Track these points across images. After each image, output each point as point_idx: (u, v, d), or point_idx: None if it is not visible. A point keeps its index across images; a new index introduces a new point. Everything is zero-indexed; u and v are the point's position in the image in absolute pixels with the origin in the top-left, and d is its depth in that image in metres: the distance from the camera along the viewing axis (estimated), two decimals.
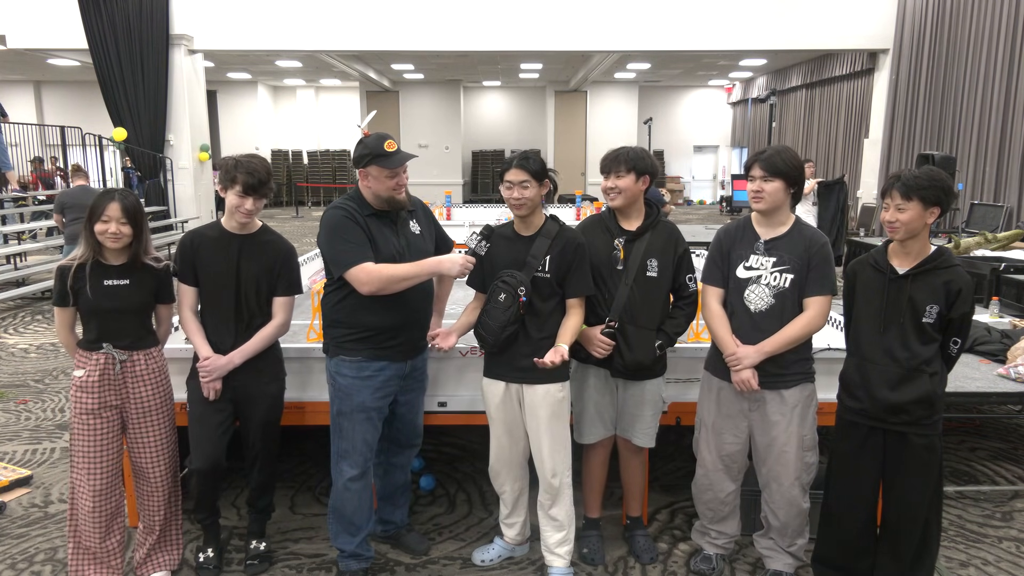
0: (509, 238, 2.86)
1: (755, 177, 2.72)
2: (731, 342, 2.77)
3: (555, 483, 2.85)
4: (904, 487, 2.62)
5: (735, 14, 12.06)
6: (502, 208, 8.96)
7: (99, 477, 2.74)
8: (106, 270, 2.70)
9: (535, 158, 2.78)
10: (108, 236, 2.64)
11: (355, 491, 2.86)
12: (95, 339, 2.70)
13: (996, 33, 9.84)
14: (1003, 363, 3.86)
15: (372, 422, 2.83)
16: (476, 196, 21.87)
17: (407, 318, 2.80)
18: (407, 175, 2.81)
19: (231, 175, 2.76)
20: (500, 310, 2.70)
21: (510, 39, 12.40)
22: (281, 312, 2.93)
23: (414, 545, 3.18)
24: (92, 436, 2.72)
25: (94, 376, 2.70)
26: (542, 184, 2.76)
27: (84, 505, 2.75)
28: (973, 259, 6.18)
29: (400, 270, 2.68)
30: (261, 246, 2.90)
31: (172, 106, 12.25)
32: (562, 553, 2.92)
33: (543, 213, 2.87)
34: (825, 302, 2.73)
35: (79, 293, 2.67)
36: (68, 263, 2.69)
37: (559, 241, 2.78)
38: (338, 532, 2.93)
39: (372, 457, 2.90)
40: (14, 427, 4.70)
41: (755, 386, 2.72)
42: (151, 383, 2.80)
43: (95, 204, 2.65)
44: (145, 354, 2.79)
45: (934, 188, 2.46)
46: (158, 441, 2.84)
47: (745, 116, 21.42)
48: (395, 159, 2.70)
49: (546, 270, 2.77)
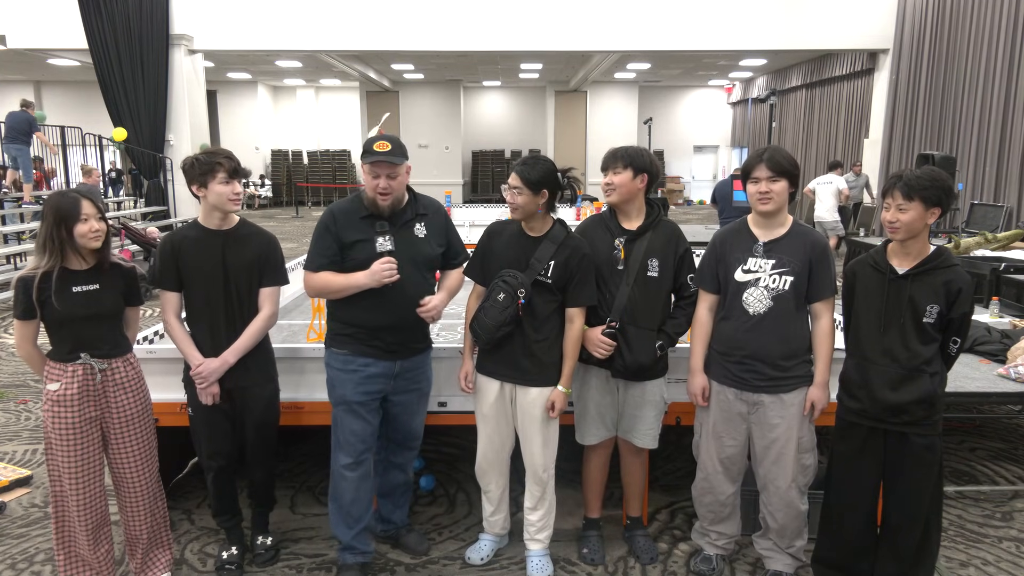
0: (515, 235, 2.86)
1: (760, 179, 2.69)
2: (700, 357, 2.87)
3: (544, 477, 2.94)
4: (905, 487, 2.62)
5: (735, 14, 12.06)
6: (502, 208, 8.97)
7: (86, 491, 2.65)
8: (73, 276, 2.55)
9: (539, 167, 2.75)
10: (91, 236, 2.52)
11: (351, 480, 2.88)
12: (70, 350, 2.57)
13: (996, 33, 9.84)
14: (1003, 363, 3.86)
15: (356, 415, 2.85)
16: (476, 196, 21.87)
17: (390, 320, 2.81)
18: (396, 183, 2.72)
19: (209, 166, 2.73)
20: (497, 309, 2.72)
21: (510, 39, 12.40)
22: (268, 303, 2.89)
23: (414, 545, 3.18)
24: (74, 452, 2.60)
25: (72, 389, 2.57)
26: (538, 194, 2.75)
27: (73, 517, 2.67)
28: (973, 259, 6.18)
29: (332, 281, 2.78)
30: (245, 239, 2.87)
31: (172, 106, 12.26)
32: (542, 538, 3.03)
33: (551, 217, 2.86)
34: (831, 303, 2.75)
35: (44, 304, 2.51)
36: (30, 273, 2.52)
37: (565, 248, 2.78)
38: (336, 521, 2.95)
39: (365, 450, 2.90)
40: (14, 427, 4.70)
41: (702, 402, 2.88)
42: (131, 390, 2.70)
43: (70, 208, 2.49)
44: (123, 361, 2.68)
45: (935, 188, 2.46)
46: (142, 449, 2.76)
47: (745, 116, 21.42)
48: (372, 155, 2.70)
49: (548, 275, 2.77)
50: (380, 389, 2.87)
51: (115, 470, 2.75)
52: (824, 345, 2.74)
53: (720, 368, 2.82)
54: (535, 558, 3.01)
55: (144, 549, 2.85)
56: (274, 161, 22.93)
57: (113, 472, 2.76)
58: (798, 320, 2.75)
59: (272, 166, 23.04)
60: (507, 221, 2.95)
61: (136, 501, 2.79)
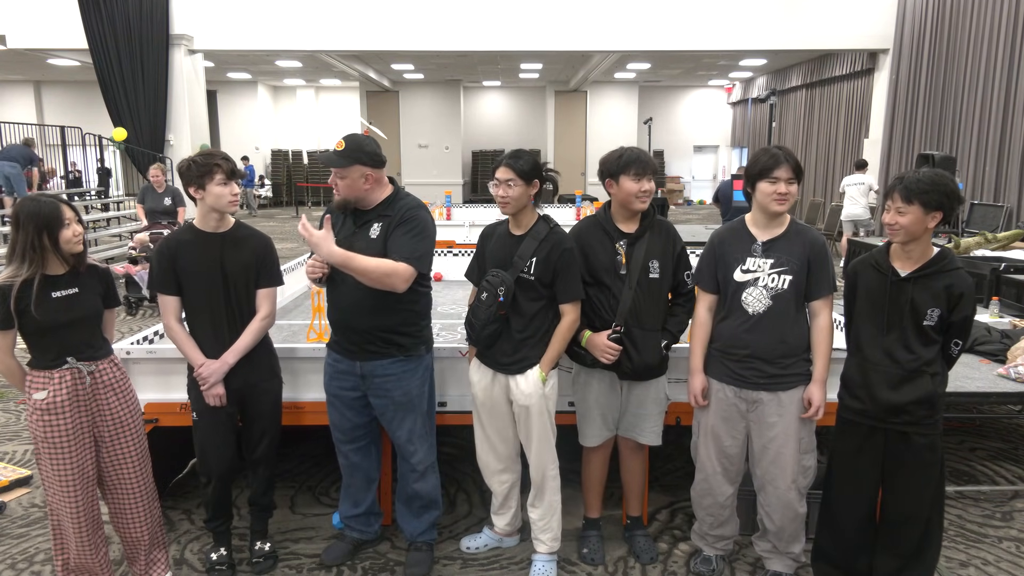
0: (502, 236, 2.88)
1: (780, 179, 2.66)
2: (699, 357, 2.87)
3: (539, 476, 2.94)
4: (906, 487, 2.62)
5: (735, 14, 12.06)
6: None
7: (82, 498, 2.62)
8: (52, 282, 2.51)
9: (526, 157, 2.78)
10: (75, 241, 2.51)
11: (343, 465, 3.07)
12: (55, 356, 2.53)
13: (996, 33, 9.84)
14: (1003, 363, 3.86)
15: (333, 406, 2.98)
16: (476, 196, 21.84)
17: (338, 317, 2.90)
18: (343, 184, 2.75)
19: (206, 167, 2.75)
20: (482, 308, 2.77)
21: (510, 39, 12.40)
22: (266, 304, 2.91)
23: (408, 563, 3.05)
24: (68, 460, 2.56)
25: (61, 395, 2.53)
26: (530, 184, 2.76)
27: (68, 526, 2.64)
28: (973, 259, 6.18)
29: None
30: (242, 241, 2.88)
31: (172, 106, 12.26)
32: (544, 540, 3.00)
33: (535, 213, 2.86)
34: (830, 301, 2.75)
35: (23, 313, 2.46)
36: (7, 281, 2.46)
37: (546, 244, 2.78)
38: (343, 497, 3.14)
39: (347, 441, 3.01)
40: (14, 427, 4.70)
41: (702, 402, 2.88)
42: (120, 391, 2.68)
43: (52, 214, 2.46)
44: (109, 362, 2.67)
45: (936, 192, 2.43)
46: (137, 449, 2.74)
47: (745, 116, 21.40)
48: (328, 153, 2.79)
49: (531, 272, 2.77)
50: (353, 386, 2.91)
51: (110, 473, 2.72)
52: (823, 343, 2.74)
53: (719, 366, 2.82)
54: (537, 562, 2.99)
55: (146, 551, 2.85)
56: (274, 161, 22.92)
57: (107, 476, 2.72)
58: (797, 319, 2.75)
59: (272, 166, 23.03)
60: (497, 223, 2.96)
61: (135, 503, 2.77)
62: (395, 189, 2.88)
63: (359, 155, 2.72)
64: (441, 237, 6.50)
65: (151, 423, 3.13)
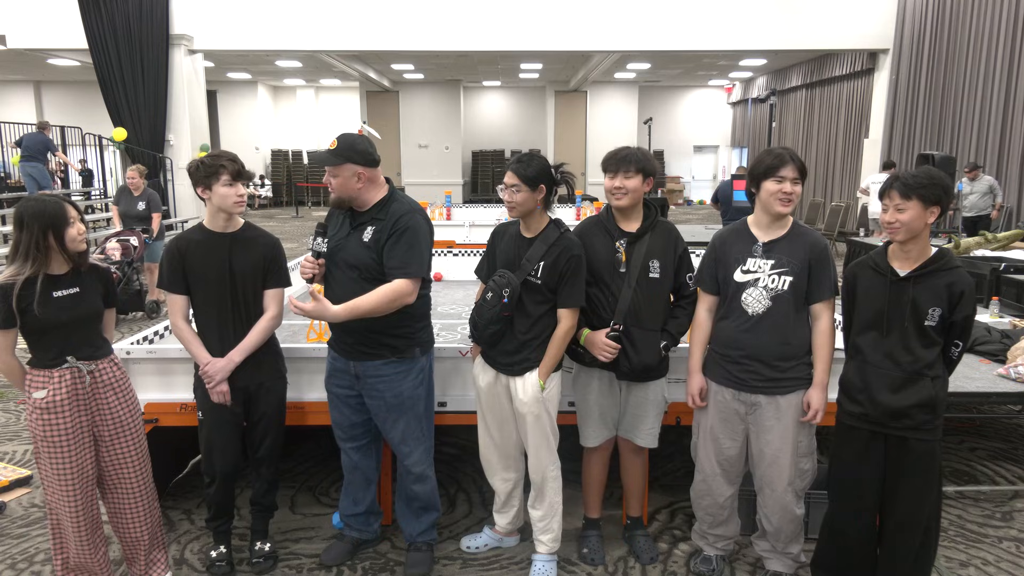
0: (513, 236, 2.89)
1: (786, 178, 2.65)
2: (698, 358, 2.88)
3: (538, 477, 2.94)
4: (905, 492, 2.59)
5: (735, 14, 12.07)
6: (502, 208, 8.95)
7: (82, 498, 2.61)
8: (54, 281, 2.51)
9: (533, 163, 2.78)
10: (80, 239, 2.52)
11: (344, 462, 3.07)
12: (55, 355, 2.53)
13: (996, 33, 9.84)
14: (1003, 363, 3.86)
15: (334, 405, 3.00)
16: (476, 196, 21.84)
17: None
18: (336, 183, 2.77)
19: (213, 168, 2.77)
20: (486, 308, 2.78)
21: (510, 39, 12.40)
22: (273, 304, 2.92)
23: (407, 564, 3.06)
24: (68, 459, 2.56)
25: (60, 394, 2.53)
26: (536, 190, 2.76)
27: (68, 526, 2.64)
28: (973, 259, 6.18)
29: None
30: (250, 242, 2.90)
31: (172, 106, 12.26)
32: (545, 540, 3.00)
33: (547, 216, 2.87)
34: (831, 304, 2.74)
35: (25, 312, 2.46)
36: (8, 280, 2.46)
37: (555, 249, 2.78)
38: (344, 495, 3.14)
39: (346, 439, 3.02)
40: (14, 427, 4.70)
41: (700, 403, 2.88)
42: (119, 391, 2.68)
43: (57, 213, 2.47)
44: (108, 362, 2.66)
45: (933, 187, 2.44)
46: (137, 449, 2.74)
47: (745, 116, 21.41)
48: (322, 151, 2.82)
49: (538, 276, 2.77)
50: (348, 385, 2.92)
51: (110, 473, 2.72)
52: (824, 346, 2.73)
53: (718, 368, 2.82)
54: (537, 563, 2.99)
55: (146, 551, 2.85)
56: (274, 161, 22.92)
57: (107, 476, 2.72)
58: (798, 321, 2.74)
59: (272, 166, 23.04)
60: (510, 222, 2.97)
61: (135, 503, 2.77)
62: (390, 191, 2.88)
63: (351, 154, 2.74)
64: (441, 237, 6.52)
65: (151, 423, 3.13)
